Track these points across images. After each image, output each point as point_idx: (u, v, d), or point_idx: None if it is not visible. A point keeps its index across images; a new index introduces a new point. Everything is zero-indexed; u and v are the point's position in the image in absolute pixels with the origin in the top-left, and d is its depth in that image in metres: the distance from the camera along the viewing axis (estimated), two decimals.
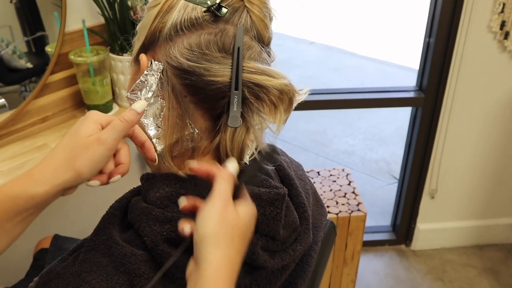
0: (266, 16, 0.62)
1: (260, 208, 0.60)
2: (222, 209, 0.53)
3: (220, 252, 0.52)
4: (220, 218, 0.53)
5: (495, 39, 1.68)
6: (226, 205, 0.54)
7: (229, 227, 0.53)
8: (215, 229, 0.52)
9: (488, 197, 2.04)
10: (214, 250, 0.51)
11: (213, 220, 0.52)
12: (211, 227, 0.52)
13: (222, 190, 0.55)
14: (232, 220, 0.53)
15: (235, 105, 0.57)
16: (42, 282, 0.58)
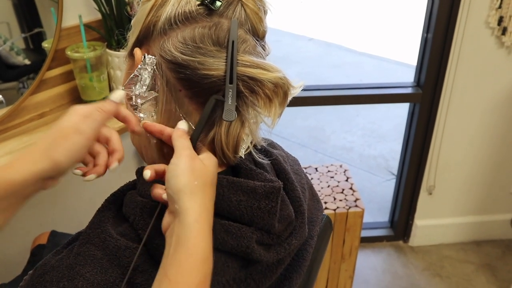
0: (260, 9, 0.62)
1: (255, 201, 0.60)
2: (190, 162, 0.55)
3: (197, 201, 0.53)
4: (190, 170, 0.54)
5: (492, 34, 1.68)
6: (192, 157, 0.55)
7: (199, 176, 0.54)
8: (188, 180, 0.53)
9: (486, 193, 2.04)
10: (191, 200, 0.53)
11: (184, 172, 0.54)
12: (184, 179, 0.53)
13: (184, 145, 0.56)
14: (201, 170, 0.55)
15: (229, 99, 0.56)
16: (37, 275, 0.58)
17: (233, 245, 0.59)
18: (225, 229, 0.59)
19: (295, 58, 4.39)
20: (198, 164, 0.55)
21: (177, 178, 0.54)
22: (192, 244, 0.51)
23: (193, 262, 0.51)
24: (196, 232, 0.52)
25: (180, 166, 0.54)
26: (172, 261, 0.51)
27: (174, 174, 0.54)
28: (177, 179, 0.54)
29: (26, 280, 0.60)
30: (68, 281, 0.56)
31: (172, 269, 0.51)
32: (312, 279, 0.76)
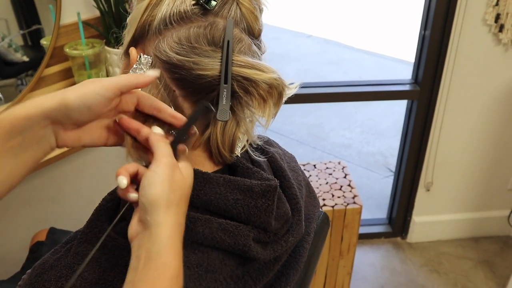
0: (256, 8, 0.62)
1: (252, 200, 0.61)
2: (169, 172, 0.51)
3: (171, 216, 0.50)
4: (168, 180, 0.51)
5: (490, 31, 1.68)
6: (174, 167, 0.52)
7: (177, 190, 0.52)
8: (165, 192, 0.50)
9: (483, 190, 2.05)
10: (166, 214, 0.50)
11: (163, 183, 0.51)
12: (161, 190, 0.50)
13: (166, 152, 0.53)
14: (179, 182, 0.52)
15: (224, 99, 0.57)
16: (35, 274, 0.58)
17: (230, 244, 0.60)
18: (222, 228, 0.59)
19: (294, 55, 4.38)
20: (177, 175, 0.52)
21: (153, 188, 0.50)
22: (164, 261, 0.49)
23: (166, 279, 0.48)
24: (169, 249, 0.49)
25: (159, 174, 0.51)
26: (143, 277, 0.48)
27: (152, 182, 0.51)
28: (153, 188, 0.50)
29: (24, 280, 0.60)
30: (67, 280, 0.56)
31: (144, 286, 0.48)
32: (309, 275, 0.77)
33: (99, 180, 1.51)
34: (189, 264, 0.58)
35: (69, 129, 0.54)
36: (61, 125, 0.53)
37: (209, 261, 0.59)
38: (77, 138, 0.55)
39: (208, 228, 0.59)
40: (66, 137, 0.54)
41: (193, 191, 0.59)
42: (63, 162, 1.36)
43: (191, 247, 0.59)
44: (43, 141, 0.52)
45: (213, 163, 0.64)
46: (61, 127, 0.53)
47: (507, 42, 1.69)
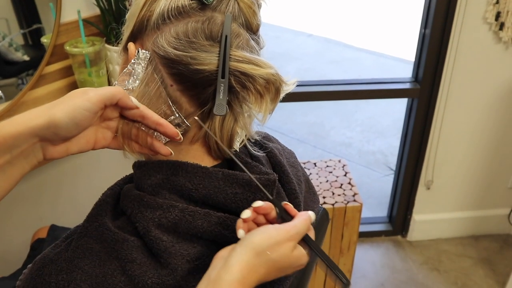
0: (254, 3, 0.62)
1: (251, 194, 0.61)
2: (284, 238, 0.54)
3: (254, 264, 0.53)
4: (275, 242, 0.54)
5: (490, 30, 1.68)
6: (290, 239, 0.55)
7: (279, 257, 0.54)
8: (267, 245, 0.53)
9: (484, 188, 2.05)
10: (252, 259, 0.52)
11: (270, 239, 0.54)
12: (266, 242, 0.53)
13: (298, 227, 0.56)
14: (282, 253, 0.54)
15: (221, 93, 0.57)
16: (36, 268, 0.58)
17: (229, 237, 0.60)
18: (220, 222, 0.60)
19: (295, 54, 4.39)
20: (287, 246, 0.55)
21: (261, 234, 0.54)
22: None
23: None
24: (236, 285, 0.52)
25: (275, 231, 0.54)
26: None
27: (264, 231, 0.54)
28: (260, 235, 0.54)
29: (25, 274, 0.60)
30: (67, 273, 0.56)
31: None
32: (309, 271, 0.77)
33: (99, 177, 1.51)
34: (188, 257, 0.58)
35: (57, 144, 0.55)
36: (49, 141, 0.54)
37: (209, 254, 0.60)
38: (65, 150, 0.56)
39: (207, 222, 0.59)
40: (54, 150, 0.55)
41: (192, 185, 0.60)
42: (63, 160, 1.37)
43: (191, 240, 0.59)
44: (31, 157, 0.54)
45: (212, 158, 0.65)
46: (49, 143, 0.54)
47: (508, 40, 1.69)
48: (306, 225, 0.57)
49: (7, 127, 0.51)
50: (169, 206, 0.59)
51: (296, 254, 0.56)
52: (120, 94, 0.55)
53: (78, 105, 0.52)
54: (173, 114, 0.60)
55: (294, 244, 0.55)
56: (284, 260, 0.55)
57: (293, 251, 0.55)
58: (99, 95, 0.53)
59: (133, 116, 0.57)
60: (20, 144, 0.52)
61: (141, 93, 0.60)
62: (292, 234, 0.55)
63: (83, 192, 1.51)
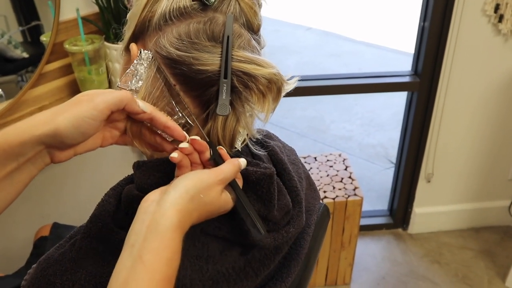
0: (255, 3, 0.62)
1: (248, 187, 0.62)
2: (214, 181, 0.56)
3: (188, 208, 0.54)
4: (207, 185, 0.55)
5: (489, 22, 1.68)
6: (219, 183, 0.57)
7: (209, 200, 0.56)
8: (199, 189, 0.55)
9: (484, 180, 2.06)
10: (186, 204, 0.53)
11: (203, 183, 0.55)
12: (198, 185, 0.55)
13: (226, 170, 0.57)
14: (213, 196, 0.56)
15: (224, 94, 0.57)
16: (41, 268, 0.59)
17: (229, 228, 0.61)
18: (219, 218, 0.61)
19: (294, 47, 4.38)
20: (217, 190, 0.56)
21: (195, 179, 0.55)
22: (170, 237, 0.51)
23: (169, 252, 0.51)
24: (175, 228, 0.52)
25: (206, 175, 0.56)
26: (148, 245, 0.50)
27: (196, 175, 0.56)
28: (195, 179, 0.55)
29: (30, 274, 0.61)
30: (72, 274, 0.57)
31: (149, 255, 0.50)
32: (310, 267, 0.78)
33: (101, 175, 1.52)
34: (189, 256, 0.59)
35: (63, 150, 0.55)
36: (56, 148, 0.54)
37: (209, 252, 0.60)
38: (72, 153, 0.57)
39: None
40: (61, 155, 0.56)
41: None
42: None
43: (192, 237, 0.60)
44: (39, 161, 0.55)
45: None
46: (56, 149, 0.55)
47: (507, 33, 1.69)
48: (234, 171, 0.58)
49: (12, 136, 0.51)
50: None
51: (224, 198, 0.58)
52: (127, 99, 0.55)
53: (83, 115, 0.52)
54: (177, 114, 0.61)
55: (222, 188, 0.57)
56: (214, 203, 0.57)
57: (221, 195, 0.57)
58: (105, 102, 0.53)
59: (141, 119, 0.58)
60: (27, 152, 0.52)
61: (145, 94, 0.60)
62: (220, 178, 0.57)
63: (86, 190, 1.51)
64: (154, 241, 0.51)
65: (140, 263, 0.49)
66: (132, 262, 0.50)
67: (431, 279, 1.94)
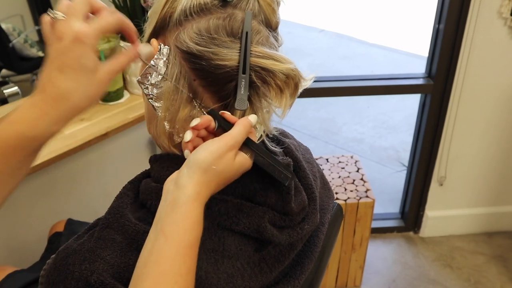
0: (273, 1, 0.63)
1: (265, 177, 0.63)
2: (224, 149, 0.57)
3: (204, 180, 0.56)
4: (219, 154, 0.57)
5: (505, 25, 1.67)
6: (230, 148, 0.58)
7: (223, 167, 0.57)
8: (210, 160, 0.56)
9: (497, 184, 2.04)
10: (200, 176, 0.56)
11: (213, 153, 0.56)
12: (208, 157, 0.56)
13: (235, 134, 0.58)
14: (227, 162, 0.57)
15: (242, 89, 0.58)
16: (60, 258, 0.60)
17: (246, 224, 0.62)
18: (237, 208, 0.62)
19: (307, 49, 4.38)
20: (229, 156, 0.57)
21: (204, 152, 0.57)
22: (188, 209, 0.55)
23: (188, 223, 0.55)
24: (193, 201, 0.55)
25: (215, 145, 0.57)
26: (169, 220, 0.55)
27: (205, 148, 0.57)
28: (203, 152, 0.57)
29: (49, 264, 0.62)
30: (90, 263, 0.58)
31: (169, 227, 0.54)
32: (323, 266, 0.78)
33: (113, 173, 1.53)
34: (205, 249, 0.60)
35: None
36: None
37: (225, 247, 0.61)
38: None
39: (224, 207, 0.61)
40: None
41: None
42: (78, 155, 1.39)
43: (209, 231, 0.60)
44: None
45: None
46: None
47: None
48: (244, 132, 0.59)
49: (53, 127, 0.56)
50: None
51: (239, 160, 0.59)
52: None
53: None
54: (195, 108, 0.61)
55: (235, 152, 0.58)
56: (230, 169, 0.58)
57: (235, 159, 0.58)
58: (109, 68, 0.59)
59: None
60: None
61: (165, 88, 0.61)
62: (231, 144, 0.57)
63: (99, 188, 1.53)
64: (174, 215, 0.55)
65: (162, 235, 0.54)
66: (155, 235, 0.55)
67: (443, 283, 1.93)
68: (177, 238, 0.54)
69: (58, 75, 0.54)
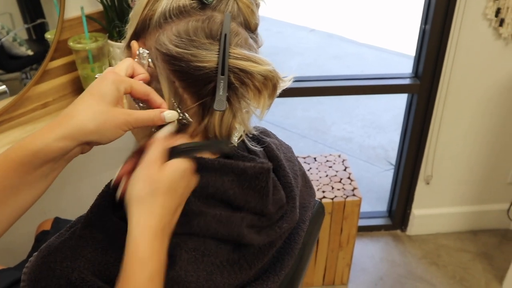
0: (252, 3, 0.64)
1: (246, 182, 0.63)
2: (146, 170, 0.56)
3: (144, 211, 0.55)
4: (143, 178, 0.56)
5: (490, 26, 1.69)
6: (150, 165, 0.57)
7: (150, 183, 0.55)
8: (138, 189, 0.55)
9: (483, 183, 2.07)
10: (137, 210, 0.55)
11: (138, 181, 0.56)
12: (136, 189, 0.56)
13: (149, 154, 0.58)
14: (154, 176, 0.56)
15: (221, 90, 0.59)
16: (41, 256, 0.61)
17: (224, 234, 0.63)
18: (216, 220, 0.62)
19: (297, 49, 4.39)
20: (152, 170, 0.56)
21: (132, 186, 0.56)
22: (141, 257, 0.54)
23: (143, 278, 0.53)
24: (143, 245, 0.54)
25: (137, 173, 0.57)
26: (124, 275, 0.54)
27: (132, 183, 0.57)
28: (131, 187, 0.56)
29: (31, 261, 0.63)
30: (71, 261, 0.59)
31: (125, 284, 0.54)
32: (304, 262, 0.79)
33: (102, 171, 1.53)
34: (186, 248, 0.61)
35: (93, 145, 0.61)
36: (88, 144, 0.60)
37: (206, 246, 0.62)
38: None
39: (203, 221, 0.62)
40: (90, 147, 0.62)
41: None
42: None
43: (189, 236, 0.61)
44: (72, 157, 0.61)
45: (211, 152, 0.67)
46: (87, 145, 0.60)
47: (507, 37, 1.70)
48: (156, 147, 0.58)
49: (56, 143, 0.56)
50: None
51: (168, 170, 0.57)
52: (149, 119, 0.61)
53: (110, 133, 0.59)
54: (175, 110, 0.62)
55: (155, 166, 0.57)
56: (164, 184, 0.56)
57: (159, 171, 0.56)
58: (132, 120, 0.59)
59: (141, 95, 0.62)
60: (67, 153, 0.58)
61: None
62: (147, 164, 0.56)
63: (87, 186, 1.53)
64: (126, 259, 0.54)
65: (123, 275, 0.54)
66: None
67: (429, 281, 1.95)
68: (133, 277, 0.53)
69: (77, 99, 0.58)
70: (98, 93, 0.57)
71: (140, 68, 0.63)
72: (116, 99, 0.58)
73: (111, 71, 0.59)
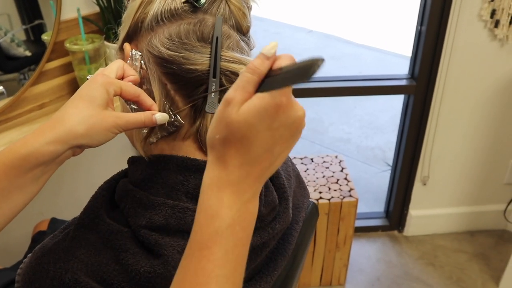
0: (244, 6, 0.64)
1: None
2: (222, 110, 0.45)
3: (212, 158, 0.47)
4: (218, 119, 0.45)
5: (485, 27, 1.70)
6: (227, 103, 0.44)
7: (223, 128, 0.45)
8: (211, 132, 0.46)
9: (479, 184, 2.07)
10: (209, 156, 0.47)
11: (213, 122, 0.46)
12: (210, 131, 0.47)
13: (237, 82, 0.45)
14: (227, 120, 0.44)
15: (213, 92, 0.59)
16: (35, 257, 0.61)
17: None
18: None
19: (295, 50, 4.40)
20: (228, 113, 0.44)
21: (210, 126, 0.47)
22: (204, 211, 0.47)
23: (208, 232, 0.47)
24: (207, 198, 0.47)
25: (215, 115, 0.46)
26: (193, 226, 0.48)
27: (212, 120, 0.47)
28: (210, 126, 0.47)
29: (25, 263, 0.63)
30: (64, 262, 0.59)
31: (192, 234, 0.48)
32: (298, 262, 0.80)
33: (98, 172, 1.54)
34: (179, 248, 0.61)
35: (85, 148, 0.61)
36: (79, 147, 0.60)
37: None
38: None
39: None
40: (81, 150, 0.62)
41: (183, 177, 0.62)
42: None
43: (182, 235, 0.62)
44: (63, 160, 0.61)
45: (203, 153, 0.67)
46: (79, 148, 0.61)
47: (503, 38, 1.71)
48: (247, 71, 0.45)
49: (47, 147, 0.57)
50: (160, 204, 0.61)
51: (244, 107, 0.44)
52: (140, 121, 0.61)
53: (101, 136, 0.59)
54: (167, 112, 0.63)
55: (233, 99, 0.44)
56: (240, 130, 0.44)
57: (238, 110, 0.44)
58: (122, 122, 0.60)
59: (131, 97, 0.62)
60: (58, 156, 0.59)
61: None
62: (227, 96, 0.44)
63: (83, 187, 1.53)
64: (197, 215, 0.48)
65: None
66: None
67: (426, 281, 1.96)
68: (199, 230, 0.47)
69: (68, 102, 0.59)
70: (87, 96, 0.58)
71: (130, 70, 0.63)
72: (105, 102, 0.59)
73: (100, 74, 0.60)
